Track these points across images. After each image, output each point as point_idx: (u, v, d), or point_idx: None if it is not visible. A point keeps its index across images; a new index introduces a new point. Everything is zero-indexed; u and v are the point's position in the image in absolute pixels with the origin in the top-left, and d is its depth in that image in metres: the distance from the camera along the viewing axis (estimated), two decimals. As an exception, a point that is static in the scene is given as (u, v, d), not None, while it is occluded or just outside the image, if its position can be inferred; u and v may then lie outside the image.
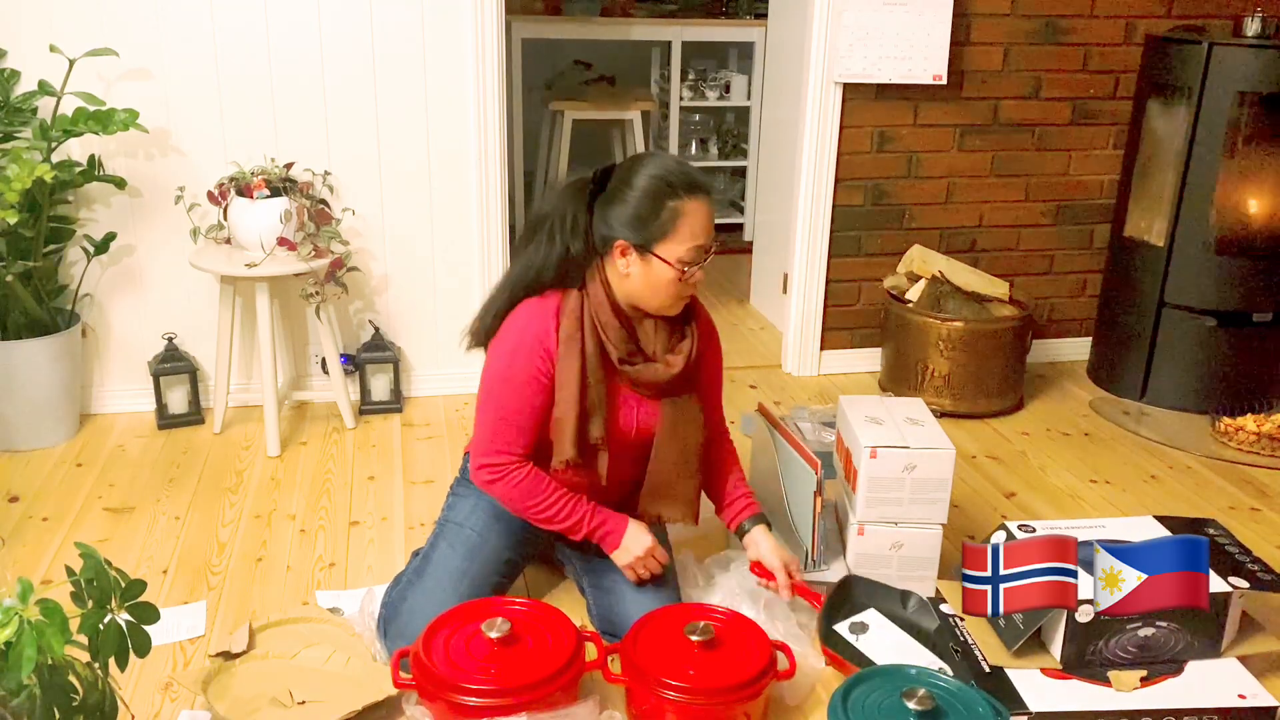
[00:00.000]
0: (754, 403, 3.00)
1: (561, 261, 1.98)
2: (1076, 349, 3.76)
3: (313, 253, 2.83)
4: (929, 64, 3.27)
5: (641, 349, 2.03)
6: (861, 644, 2.06)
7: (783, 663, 1.89)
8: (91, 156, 2.86)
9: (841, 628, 2.09)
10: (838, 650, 2.03)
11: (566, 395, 1.96)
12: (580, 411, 1.97)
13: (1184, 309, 3.29)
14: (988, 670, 1.93)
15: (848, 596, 2.17)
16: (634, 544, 2.03)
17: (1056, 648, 1.96)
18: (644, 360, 2.03)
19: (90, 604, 1.45)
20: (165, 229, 2.99)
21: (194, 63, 2.88)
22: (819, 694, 1.96)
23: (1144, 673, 1.92)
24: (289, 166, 2.96)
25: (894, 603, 2.17)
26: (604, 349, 1.98)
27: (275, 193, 2.84)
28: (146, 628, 1.50)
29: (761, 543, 2.10)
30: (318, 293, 2.90)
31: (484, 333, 2.07)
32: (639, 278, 1.95)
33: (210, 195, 2.90)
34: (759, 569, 2.10)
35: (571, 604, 2.19)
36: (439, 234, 3.15)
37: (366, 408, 3.17)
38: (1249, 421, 3.10)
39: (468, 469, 2.25)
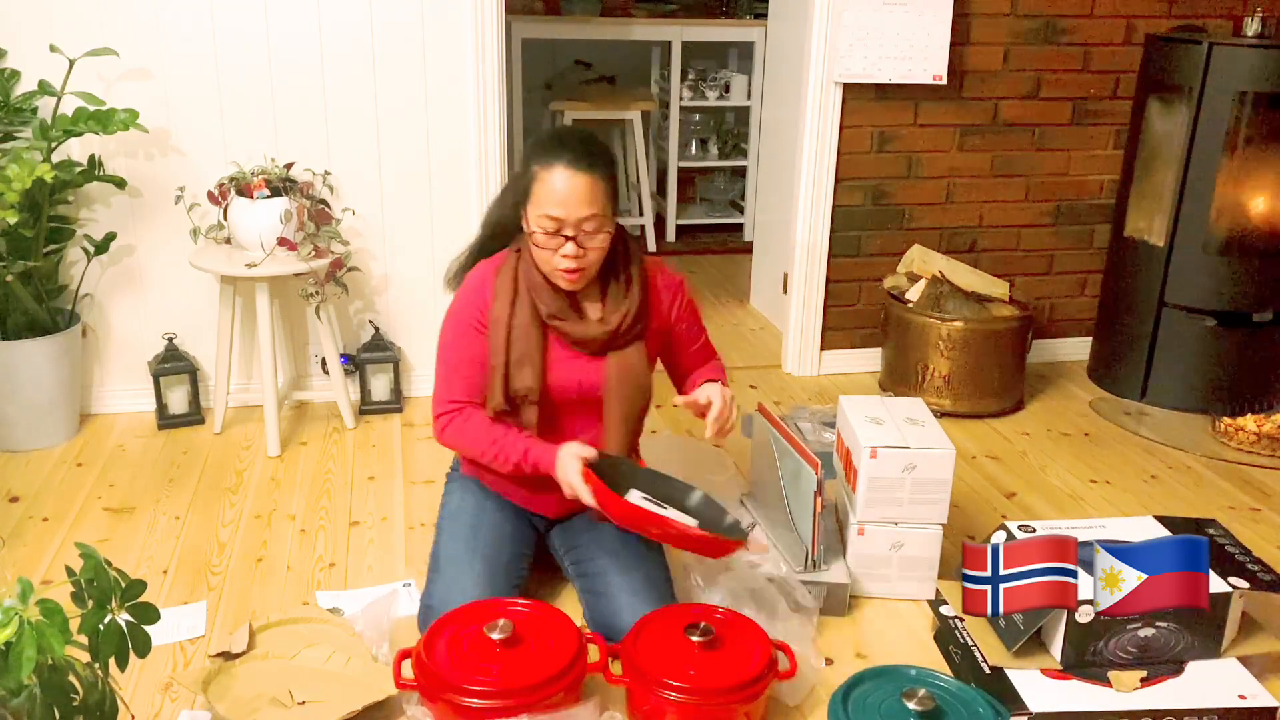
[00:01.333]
0: (754, 403, 3.00)
1: (504, 216, 2.07)
2: (1076, 349, 3.76)
3: (313, 253, 2.83)
4: (929, 64, 3.27)
5: (577, 307, 2.06)
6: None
7: (783, 663, 1.89)
8: (91, 156, 2.86)
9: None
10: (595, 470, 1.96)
11: (495, 346, 2.04)
12: (505, 361, 2.03)
13: (1184, 309, 3.29)
14: (988, 670, 1.93)
15: (631, 479, 2.07)
16: (561, 472, 1.98)
17: (1056, 648, 1.96)
18: (577, 317, 2.05)
19: (90, 604, 1.45)
20: (165, 229, 2.99)
21: (194, 63, 2.88)
22: (819, 694, 1.96)
23: (1144, 673, 1.92)
24: (289, 166, 2.96)
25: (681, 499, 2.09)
26: (536, 305, 2.04)
27: (275, 193, 2.84)
28: (146, 628, 1.50)
29: (708, 384, 2.12)
30: (318, 293, 2.90)
31: (459, 277, 2.18)
32: (528, 236, 2.00)
33: (210, 195, 2.90)
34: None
35: (573, 605, 2.18)
36: (439, 234, 3.15)
37: (366, 408, 3.17)
38: (1249, 421, 3.10)
39: (456, 461, 2.29)
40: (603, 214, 1.95)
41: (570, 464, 1.97)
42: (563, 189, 1.91)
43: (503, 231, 2.12)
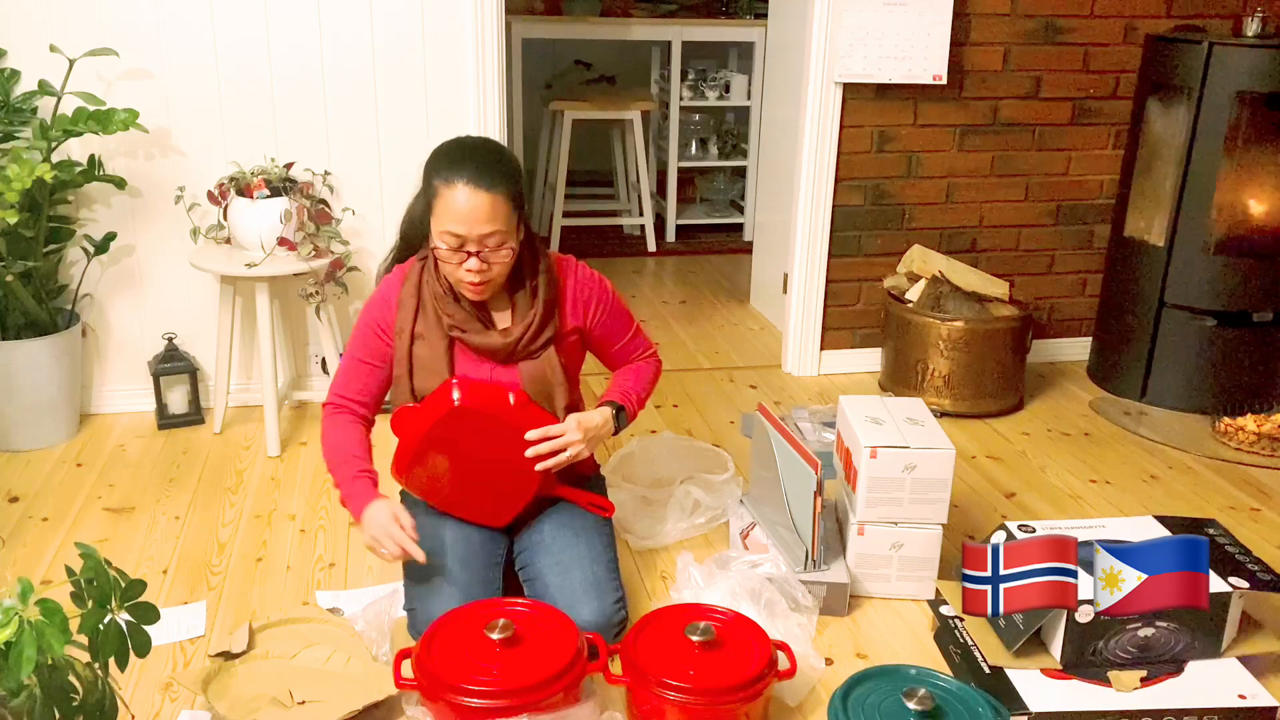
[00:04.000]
0: (754, 403, 3.00)
1: (416, 223, 2.07)
2: (1076, 349, 3.76)
3: (313, 253, 2.83)
4: (929, 64, 3.27)
5: (484, 315, 2.06)
6: None
7: (783, 663, 1.89)
8: (91, 156, 2.86)
9: None
10: None
11: (399, 355, 2.07)
12: (409, 370, 2.05)
13: (1184, 309, 3.29)
14: (988, 670, 1.93)
15: None
16: (369, 523, 2.00)
17: (1056, 648, 1.96)
18: (482, 327, 2.05)
19: (90, 604, 1.45)
20: (165, 229, 2.99)
21: (194, 62, 2.88)
22: (819, 694, 1.96)
23: (1144, 673, 1.92)
24: (289, 166, 2.96)
25: None
26: (439, 315, 2.04)
27: (275, 193, 2.84)
28: (146, 628, 1.50)
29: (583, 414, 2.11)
30: (318, 293, 2.90)
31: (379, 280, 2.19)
32: (432, 248, 1.99)
33: (210, 195, 2.90)
34: None
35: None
36: (439, 234, 3.15)
37: (366, 408, 3.17)
38: (1249, 421, 3.10)
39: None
40: (505, 229, 1.93)
41: (378, 520, 1.97)
42: (463, 207, 1.90)
43: (416, 236, 2.11)
